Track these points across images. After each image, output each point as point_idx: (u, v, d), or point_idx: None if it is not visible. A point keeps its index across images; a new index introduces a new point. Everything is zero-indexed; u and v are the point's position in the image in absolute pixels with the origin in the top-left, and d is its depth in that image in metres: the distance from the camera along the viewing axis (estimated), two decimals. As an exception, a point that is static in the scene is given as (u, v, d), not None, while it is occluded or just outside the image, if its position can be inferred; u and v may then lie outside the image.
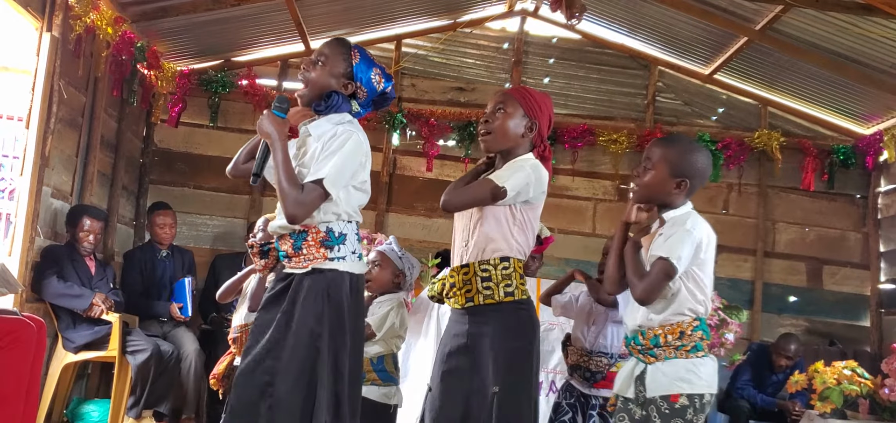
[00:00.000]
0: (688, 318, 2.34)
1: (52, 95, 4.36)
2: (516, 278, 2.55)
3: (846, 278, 6.17)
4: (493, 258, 2.54)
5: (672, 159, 2.41)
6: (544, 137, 2.67)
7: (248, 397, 2.38)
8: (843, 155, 6.05)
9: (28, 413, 3.43)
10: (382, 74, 2.53)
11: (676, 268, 2.29)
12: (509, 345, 2.53)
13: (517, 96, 2.65)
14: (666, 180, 2.41)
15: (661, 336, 2.35)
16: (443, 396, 2.57)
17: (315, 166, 2.37)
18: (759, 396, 5.34)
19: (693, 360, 2.33)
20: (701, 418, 2.31)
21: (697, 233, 2.35)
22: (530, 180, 2.54)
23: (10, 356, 3.27)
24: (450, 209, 2.59)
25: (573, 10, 4.87)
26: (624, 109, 6.38)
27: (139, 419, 4.54)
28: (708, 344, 2.37)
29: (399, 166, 6.33)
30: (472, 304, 2.56)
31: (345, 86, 2.48)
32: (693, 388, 2.31)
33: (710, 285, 2.41)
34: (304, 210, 2.35)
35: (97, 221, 4.73)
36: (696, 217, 2.41)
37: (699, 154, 2.46)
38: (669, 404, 2.30)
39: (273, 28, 5.85)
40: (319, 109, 2.48)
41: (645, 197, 2.47)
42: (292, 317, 2.39)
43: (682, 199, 2.44)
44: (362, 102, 2.53)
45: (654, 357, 2.36)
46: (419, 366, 5.26)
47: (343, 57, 2.49)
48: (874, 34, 4.87)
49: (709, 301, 2.40)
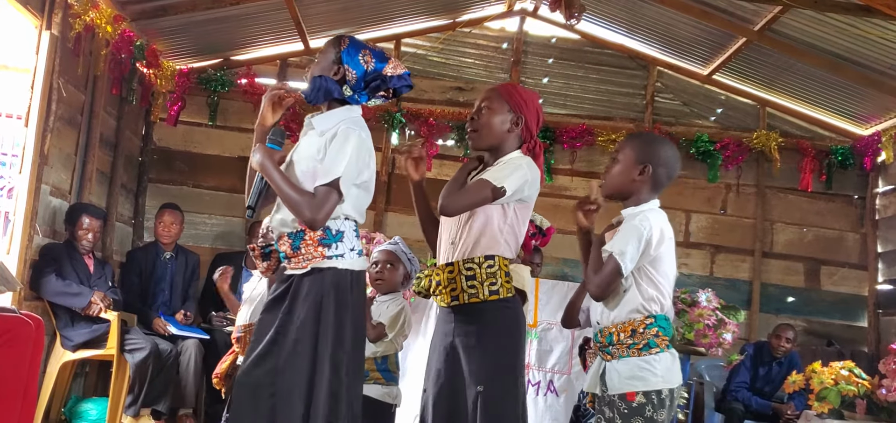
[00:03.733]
0: (640, 316, 2.34)
1: (52, 94, 4.36)
2: (501, 276, 2.53)
3: (844, 279, 6.17)
4: (477, 256, 2.52)
5: (636, 148, 2.45)
6: (533, 133, 2.65)
7: (251, 397, 2.39)
8: (842, 156, 6.06)
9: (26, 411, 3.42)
10: (373, 55, 2.52)
11: (621, 265, 2.31)
12: (494, 344, 2.52)
13: (502, 92, 2.65)
14: (629, 168, 2.42)
15: (615, 334, 2.36)
16: (434, 396, 2.58)
17: (325, 168, 2.38)
18: (754, 399, 5.34)
19: (646, 357, 2.33)
20: (663, 413, 2.31)
21: (647, 230, 2.33)
22: (527, 179, 2.54)
23: (8, 354, 3.27)
24: (449, 214, 2.56)
25: (572, 11, 4.88)
26: (623, 109, 6.38)
27: (137, 418, 4.54)
28: (666, 341, 2.35)
29: (398, 166, 6.33)
30: (458, 302, 2.55)
31: (335, 73, 2.51)
32: (648, 385, 2.31)
33: (668, 283, 2.40)
34: (323, 212, 2.37)
35: (96, 219, 4.73)
36: (648, 214, 2.38)
37: (663, 145, 2.49)
38: (627, 402, 2.32)
39: (272, 27, 5.85)
40: (308, 97, 2.51)
41: (611, 188, 2.47)
42: (293, 317, 2.41)
43: (646, 190, 2.43)
44: (354, 85, 2.50)
45: (610, 355, 2.38)
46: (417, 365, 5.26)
47: (333, 47, 2.54)
48: (873, 35, 4.88)
49: (667, 298, 2.38)
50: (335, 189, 2.37)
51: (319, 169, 2.40)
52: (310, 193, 2.39)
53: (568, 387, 5.41)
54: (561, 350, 5.46)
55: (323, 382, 2.37)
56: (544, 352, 5.46)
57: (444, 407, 2.54)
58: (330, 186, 2.37)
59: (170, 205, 5.46)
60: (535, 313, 5.39)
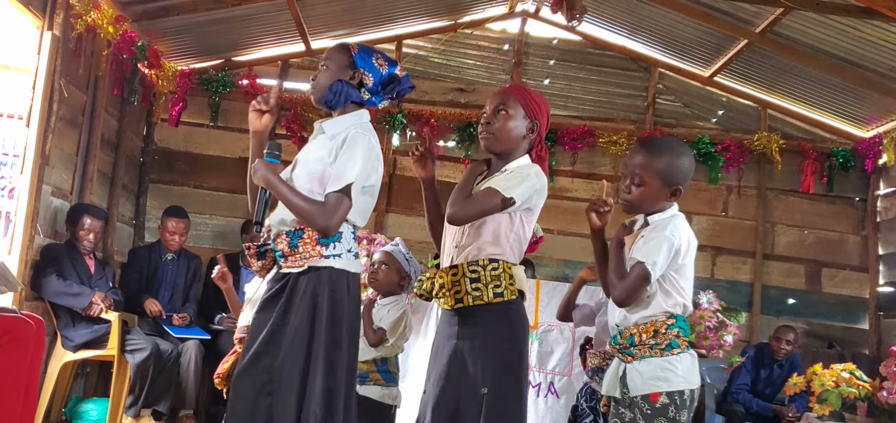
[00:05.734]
0: (662, 317, 2.35)
1: (53, 94, 4.36)
2: (505, 279, 2.53)
3: (845, 281, 6.17)
4: (482, 259, 2.53)
5: (663, 171, 2.39)
6: (542, 138, 2.67)
7: (247, 396, 2.40)
8: (843, 158, 6.06)
9: (27, 412, 3.43)
10: (385, 58, 2.60)
11: (652, 274, 2.30)
12: (499, 346, 2.52)
13: (519, 97, 2.64)
14: (660, 192, 2.41)
15: (637, 335, 2.35)
16: (435, 398, 2.57)
17: (336, 174, 2.42)
18: (754, 401, 5.34)
19: (669, 357, 2.32)
20: (684, 414, 2.32)
21: (677, 239, 2.34)
22: (536, 188, 2.56)
23: (9, 355, 3.27)
24: (458, 223, 2.55)
25: (574, 12, 4.87)
26: (624, 110, 6.39)
27: (138, 419, 4.54)
28: (686, 341, 2.36)
29: (399, 167, 6.34)
30: (462, 305, 2.55)
31: (351, 77, 2.56)
32: (671, 386, 2.31)
33: (689, 288, 2.41)
34: (336, 219, 2.41)
35: (97, 220, 4.73)
36: (677, 222, 2.39)
37: (685, 158, 2.46)
38: (650, 403, 2.31)
39: (274, 28, 5.85)
40: (329, 102, 2.55)
41: (639, 210, 2.46)
42: (288, 315, 2.42)
43: (672, 203, 2.44)
44: (371, 88, 2.57)
45: (632, 357, 2.37)
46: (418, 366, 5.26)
47: (344, 53, 2.59)
48: (874, 37, 4.88)
49: (688, 301, 2.40)
50: (347, 195, 2.41)
51: (330, 173, 2.43)
52: (319, 202, 2.43)
53: (569, 389, 5.39)
54: (562, 352, 5.45)
55: (318, 380, 2.38)
56: (545, 354, 5.46)
57: (446, 410, 2.53)
58: (341, 192, 2.41)
59: (176, 211, 5.34)
60: (536, 315, 5.38)
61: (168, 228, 5.27)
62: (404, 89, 2.61)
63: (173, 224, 5.26)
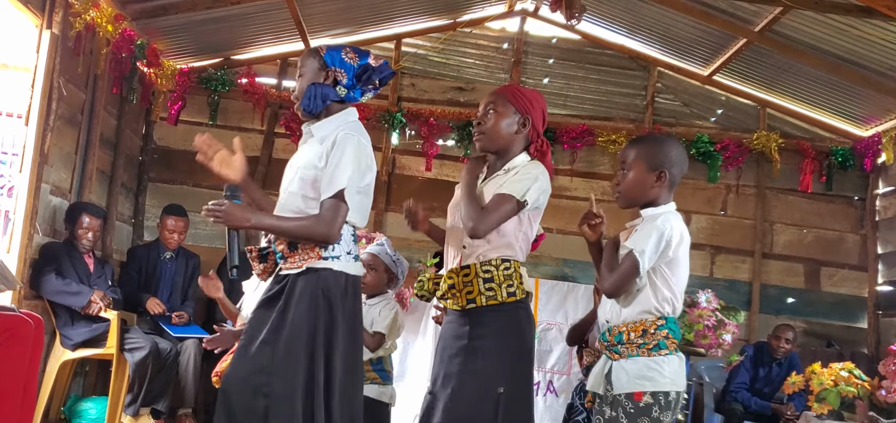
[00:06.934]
0: (652, 317, 2.35)
1: (52, 93, 4.36)
2: (517, 279, 2.56)
3: (844, 280, 6.18)
4: (494, 259, 2.55)
5: (646, 155, 2.44)
6: (540, 132, 2.68)
7: (245, 397, 2.39)
8: (842, 157, 6.06)
9: (25, 410, 3.43)
10: (355, 51, 2.58)
11: (640, 262, 2.31)
12: (513, 344, 2.55)
13: (507, 94, 2.67)
14: (645, 176, 2.42)
15: (625, 333, 2.36)
16: (447, 398, 2.56)
17: (328, 179, 2.41)
18: (753, 399, 5.34)
19: (656, 358, 2.33)
20: (668, 415, 2.32)
21: (668, 231, 2.35)
22: (543, 188, 2.59)
23: (8, 353, 3.27)
24: (482, 236, 2.54)
25: (573, 11, 4.88)
26: (623, 109, 6.38)
27: (137, 417, 4.55)
28: (675, 344, 2.36)
29: (398, 166, 6.33)
30: (474, 305, 2.56)
31: (325, 78, 2.55)
32: (656, 386, 2.31)
33: (681, 287, 2.41)
34: (335, 226, 2.42)
35: (96, 218, 4.73)
36: (669, 216, 2.41)
37: (671, 145, 2.49)
38: (634, 402, 2.31)
39: (273, 26, 5.85)
40: (309, 108, 2.53)
41: (629, 199, 2.48)
42: (287, 317, 2.42)
43: (664, 194, 2.44)
44: (346, 84, 2.54)
45: (619, 354, 2.38)
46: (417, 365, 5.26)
47: (314, 57, 2.58)
48: (873, 36, 4.88)
49: (678, 301, 2.40)
50: (341, 200, 2.41)
51: (322, 179, 2.43)
52: (314, 216, 2.43)
53: (567, 387, 5.41)
54: (560, 350, 5.47)
55: (317, 382, 2.37)
56: (544, 352, 5.47)
57: (460, 409, 2.52)
58: (335, 198, 2.41)
59: (176, 209, 5.32)
60: (536, 313, 5.39)
61: (167, 226, 5.25)
62: (384, 77, 2.59)
63: (172, 223, 5.25)
